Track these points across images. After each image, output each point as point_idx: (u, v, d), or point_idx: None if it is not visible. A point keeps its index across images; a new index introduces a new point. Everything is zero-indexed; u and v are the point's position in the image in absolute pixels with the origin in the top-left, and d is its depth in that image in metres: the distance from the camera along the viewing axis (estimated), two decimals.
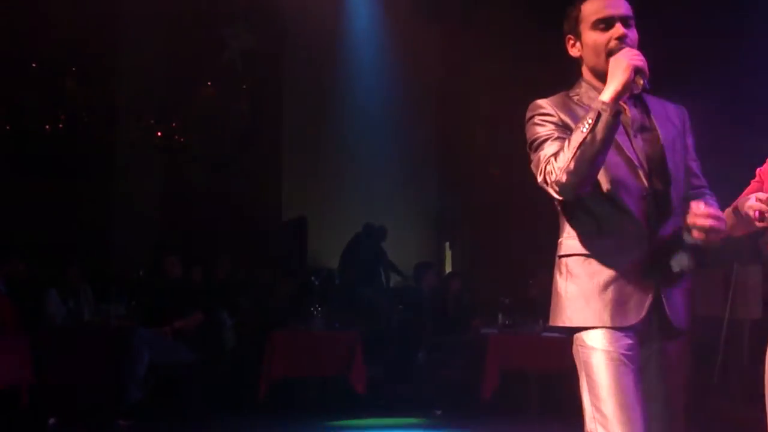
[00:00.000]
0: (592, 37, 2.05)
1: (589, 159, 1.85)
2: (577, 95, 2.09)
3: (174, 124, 9.46)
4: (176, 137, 9.46)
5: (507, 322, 6.21)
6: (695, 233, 1.87)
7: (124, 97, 9.59)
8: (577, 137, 1.86)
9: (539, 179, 1.96)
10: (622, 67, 1.88)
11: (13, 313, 5.16)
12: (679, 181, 2.02)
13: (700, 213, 1.86)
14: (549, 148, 1.94)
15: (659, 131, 2.02)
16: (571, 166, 1.86)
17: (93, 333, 5.66)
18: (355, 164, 10.41)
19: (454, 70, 10.16)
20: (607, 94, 1.87)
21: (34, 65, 9.30)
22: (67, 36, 8.96)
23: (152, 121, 9.35)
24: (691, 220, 1.87)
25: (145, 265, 7.12)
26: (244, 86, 10.44)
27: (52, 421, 5.19)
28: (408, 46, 10.00)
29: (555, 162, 1.90)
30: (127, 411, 5.23)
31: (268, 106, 10.53)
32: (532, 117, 2.06)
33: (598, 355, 1.92)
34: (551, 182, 1.91)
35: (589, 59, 2.07)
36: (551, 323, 2.04)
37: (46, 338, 5.39)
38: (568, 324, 1.99)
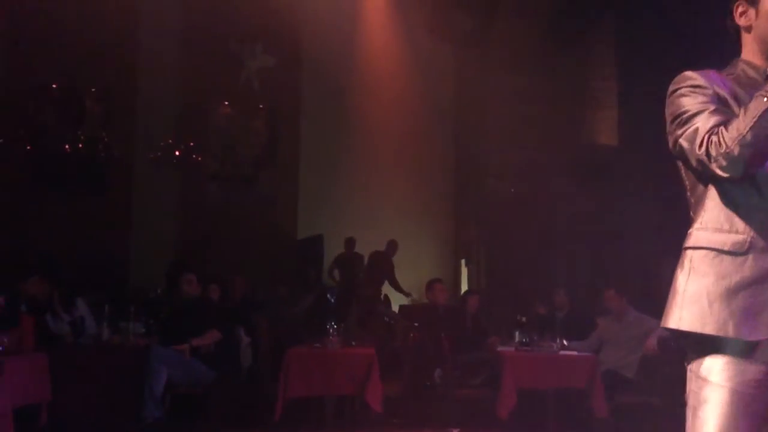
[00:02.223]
0: None
1: (758, 143, 1.60)
2: (732, 75, 1.84)
3: (192, 143, 9.56)
4: (194, 156, 9.55)
5: (524, 340, 6.16)
6: None
7: (143, 116, 9.72)
8: (758, 105, 1.61)
9: (698, 152, 1.68)
10: None
11: (35, 334, 5.21)
12: None
13: None
14: (709, 120, 1.69)
15: None
16: (748, 137, 1.59)
17: (111, 351, 5.70)
18: (372, 182, 10.45)
19: (469, 87, 10.22)
20: None
21: (54, 86, 9.46)
22: (86, 57, 9.12)
23: (170, 140, 9.46)
24: None
25: (163, 283, 7.17)
26: (261, 106, 10.55)
27: None
28: (424, 66, 10.08)
29: (725, 132, 1.64)
30: (146, 429, 5.25)
31: (285, 125, 10.63)
32: (679, 89, 1.80)
33: (712, 391, 1.63)
34: (717, 154, 1.64)
35: (765, 30, 1.81)
36: (662, 324, 1.76)
37: (65, 357, 5.43)
38: (679, 326, 1.69)
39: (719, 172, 1.65)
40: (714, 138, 1.65)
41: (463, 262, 10.41)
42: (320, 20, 9.58)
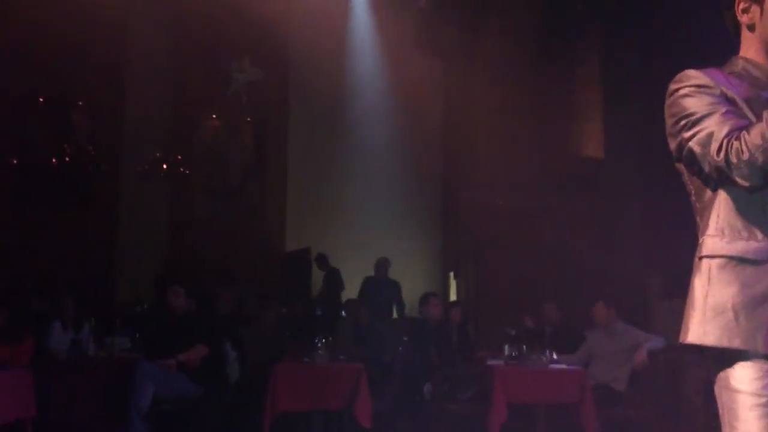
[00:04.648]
0: None
1: None
2: (734, 73, 1.74)
3: (179, 156, 9.53)
4: (181, 169, 9.51)
5: (513, 353, 6.13)
6: None
7: (130, 129, 9.68)
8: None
9: (716, 158, 1.57)
10: None
11: (26, 349, 5.16)
12: None
13: None
14: (725, 124, 1.58)
15: None
16: (760, 147, 1.50)
17: (97, 366, 5.64)
18: (360, 196, 10.45)
19: (457, 101, 10.25)
20: None
21: (41, 99, 9.40)
22: (73, 69, 9.08)
23: (158, 154, 9.42)
24: None
25: (150, 297, 7.11)
26: (249, 119, 10.54)
27: None
28: (412, 80, 10.11)
29: (747, 137, 1.52)
30: None
31: (272, 138, 10.62)
32: (681, 89, 1.69)
33: (748, 401, 1.54)
34: (739, 162, 1.53)
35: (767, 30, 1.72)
36: (681, 340, 1.64)
37: (50, 372, 5.36)
38: (702, 341, 1.59)
39: (741, 181, 1.55)
40: (735, 144, 1.53)
41: (451, 275, 10.39)
42: (308, 35, 9.61)
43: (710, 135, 1.59)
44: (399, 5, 9.90)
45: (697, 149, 1.62)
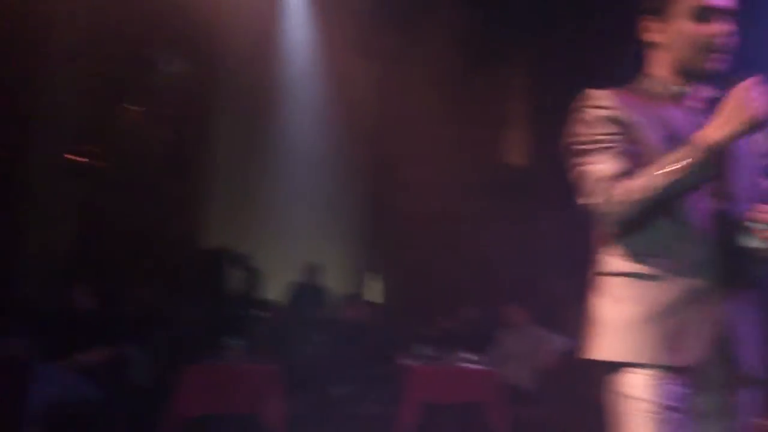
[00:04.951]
0: (687, 26, 1.69)
1: (662, 201, 1.57)
2: (638, 91, 1.76)
3: (93, 148, 9.16)
4: (95, 162, 9.15)
5: (428, 354, 6.15)
6: (761, 233, 1.56)
7: (40, 119, 9.24)
8: (658, 172, 1.54)
9: (590, 195, 1.63)
10: (740, 112, 1.53)
11: None
12: (754, 196, 1.70)
13: (763, 209, 1.57)
14: (607, 163, 1.62)
15: (739, 141, 1.68)
16: (636, 201, 1.56)
17: None
18: (285, 196, 10.31)
19: (389, 104, 10.23)
20: (715, 135, 1.53)
21: None
22: None
23: (70, 146, 9.03)
24: (754, 217, 1.58)
25: (53, 295, 6.79)
26: (171, 112, 10.23)
27: None
28: (345, 82, 10.05)
29: (628, 187, 1.58)
30: None
31: (196, 134, 10.34)
32: (587, 109, 1.72)
33: (637, 406, 1.58)
34: (610, 210, 1.60)
35: (678, 50, 1.72)
36: (585, 356, 1.67)
37: None
38: (605, 357, 1.63)
39: (607, 223, 1.62)
40: (603, 189, 1.59)
41: (371, 277, 10.37)
42: (240, 31, 9.41)
43: (593, 172, 1.63)
44: (335, 6, 9.81)
45: (580, 179, 1.67)
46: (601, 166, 1.63)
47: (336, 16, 9.87)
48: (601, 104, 1.69)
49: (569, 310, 7.79)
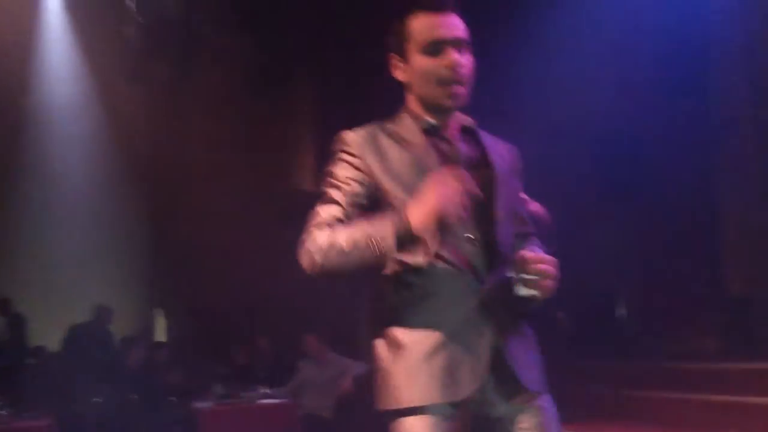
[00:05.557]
0: (421, 62, 1.71)
1: (350, 267, 1.60)
2: (395, 128, 1.75)
3: None
4: None
5: (224, 392, 5.93)
6: (530, 283, 1.60)
7: None
8: (356, 241, 1.57)
9: (304, 235, 1.66)
10: (431, 204, 1.53)
11: None
12: (510, 222, 1.73)
13: (529, 258, 1.60)
14: (329, 208, 1.67)
15: (494, 168, 1.73)
16: (331, 258, 1.60)
17: None
18: (57, 236, 9.46)
19: (169, 136, 9.81)
20: (416, 220, 1.54)
21: None
22: None
23: None
24: (522, 267, 1.60)
25: None
26: None
27: None
28: (121, 114, 9.50)
29: (319, 234, 1.63)
30: None
31: None
32: (337, 153, 1.74)
33: None
34: (304, 261, 1.63)
35: (418, 86, 1.73)
36: (380, 407, 1.66)
37: None
38: (395, 406, 1.62)
39: (304, 264, 1.64)
40: (312, 234, 1.64)
41: (159, 312, 9.82)
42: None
43: (317, 213, 1.67)
44: (104, 35, 9.25)
45: (309, 219, 1.69)
46: (326, 210, 1.67)
47: (104, 46, 9.34)
48: (346, 148, 1.72)
49: (363, 335, 7.94)
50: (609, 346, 6.82)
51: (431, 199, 1.53)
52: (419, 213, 1.54)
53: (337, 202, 1.67)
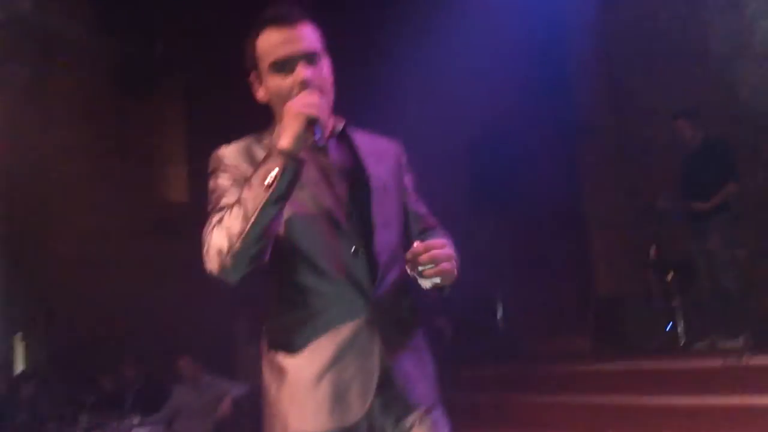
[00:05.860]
0: (273, 82, 1.67)
1: (257, 230, 1.48)
2: (271, 139, 1.68)
3: None
4: None
5: (89, 424, 5.52)
6: (427, 272, 1.53)
7: None
8: (245, 199, 1.49)
9: (204, 251, 1.54)
10: (291, 116, 1.53)
11: None
12: (392, 229, 1.69)
13: (417, 250, 1.53)
14: (220, 213, 1.56)
15: (370, 173, 1.68)
16: (233, 231, 1.48)
17: None
18: None
19: (22, 146, 9.08)
20: (283, 142, 1.51)
21: None
22: None
23: None
24: (414, 261, 1.54)
25: None
26: None
27: None
28: None
29: (217, 231, 1.51)
30: None
31: None
32: (214, 169, 1.67)
33: None
34: (213, 265, 1.51)
35: (276, 105, 1.69)
36: None
37: None
38: None
39: (213, 268, 1.53)
40: (211, 241, 1.52)
41: (19, 337, 9.08)
42: None
43: (207, 225, 1.57)
44: None
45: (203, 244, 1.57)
46: (218, 215, 1.57)
47: None
48: (223, 161, 1.67)
49: (244, 352, 7.66)
50: (488, 352, 6.94)
51: (289, 114, 1.53)
52: (284, 134, 1.52)
53: (225, 206, 1.58)
